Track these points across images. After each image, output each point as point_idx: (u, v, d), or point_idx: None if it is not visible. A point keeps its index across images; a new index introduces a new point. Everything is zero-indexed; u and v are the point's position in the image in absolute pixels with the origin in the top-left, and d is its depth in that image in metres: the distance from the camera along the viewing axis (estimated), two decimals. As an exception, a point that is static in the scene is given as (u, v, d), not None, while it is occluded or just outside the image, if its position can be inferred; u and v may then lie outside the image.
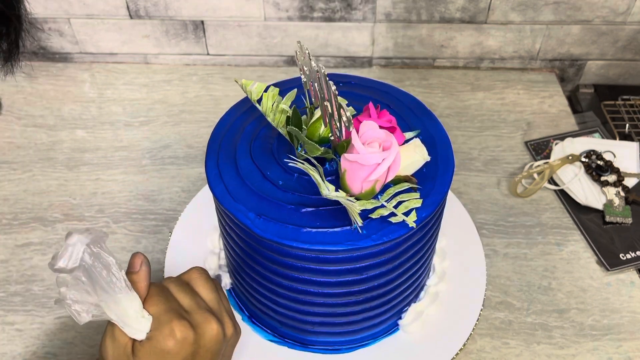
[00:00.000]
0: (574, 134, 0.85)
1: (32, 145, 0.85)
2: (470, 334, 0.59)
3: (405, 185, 0.48)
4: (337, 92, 0.45)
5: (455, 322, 0.60)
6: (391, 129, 0.49)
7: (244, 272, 0.55)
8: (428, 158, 0.49)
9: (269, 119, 0.53)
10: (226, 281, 0.63)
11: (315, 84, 0.47)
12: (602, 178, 0.77)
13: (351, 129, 0.46)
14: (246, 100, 0.57)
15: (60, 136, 0.86)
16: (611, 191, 0.75)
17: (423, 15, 0.92)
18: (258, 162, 0.52)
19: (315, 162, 0.48)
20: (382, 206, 0.47)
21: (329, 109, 0.46)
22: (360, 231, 0.46)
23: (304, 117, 0.53)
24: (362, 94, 0.58)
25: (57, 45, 0.98)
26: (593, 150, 0.79)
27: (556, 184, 0.78)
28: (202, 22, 0.94)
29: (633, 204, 0.75)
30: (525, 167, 0.80)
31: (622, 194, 0.75)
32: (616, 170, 0.77)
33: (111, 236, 0.73)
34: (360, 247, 0.46)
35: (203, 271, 0.48)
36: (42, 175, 0.81)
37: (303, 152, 0.51)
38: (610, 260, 0.70)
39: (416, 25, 0.94)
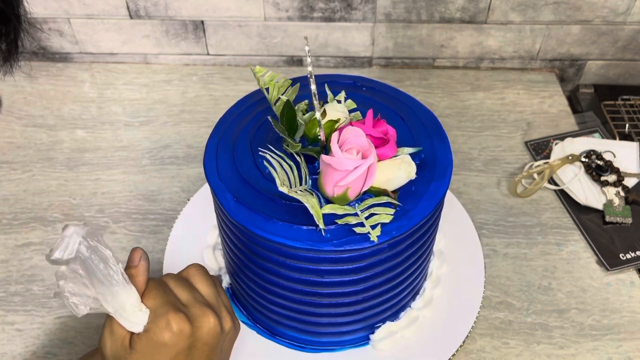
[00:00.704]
0: (574, 134, 0.85)
1: (32, 145, 0.85)
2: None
3: (384, 199, 0.48)
4: (315, 92, 0.45)
5: (433, 346, 0.59)
6: (381, 141, 0.48)
7: (225, 250, 0.57)
8: (413, 176, 0.48)
9: (274, 109, 0.54)
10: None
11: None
12: (602, 178, 0.77)
13: (319, 131, 0.47)
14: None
15: (60, 136, 0.86)
16: (611, 191, 0.75)
17: (423, 15, 0.92)
18: (254, 148, 0.52)
19: (299, 158, 0.50)
20: (355, 215, 0.47)
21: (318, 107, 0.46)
22: (324, 234, 0.46)
23: (311, 112, 0.54)
24: (381, 101, 0.58)
25: (57, 45, 0.98)
26: (593, 150, 0.79)
27: (556, 184, 0.78)
28: (202, 22, 0.94)
29: (633, 204, 0.75)
30: (525, 167, 0.80)
31: (622, 194, 0.75)
32: (616, 170, 0.77)
33: (111, 236, 0.73)
34: (318, 249, 0.46)
35: (201, 267, 0.49)
36: (42, 175, 0.81)
37: (286, 145, 0.51)
38: (610, 260, 0.70)
39: (416, 25, 0.94)
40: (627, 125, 0.87)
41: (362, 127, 0.48)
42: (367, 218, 0.46)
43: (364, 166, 0.45)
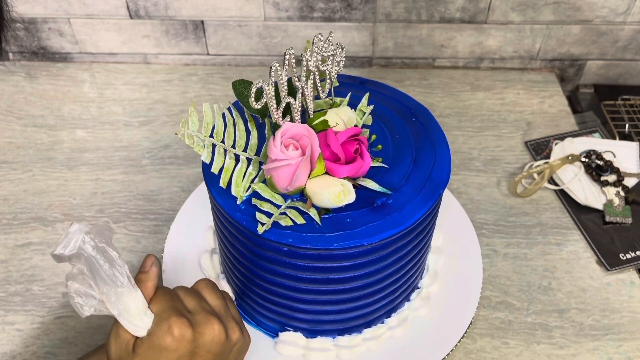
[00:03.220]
0: (574, 134, 0.85)
1: (32, 145, 0.85)
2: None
3: (306, 208, 0.48)
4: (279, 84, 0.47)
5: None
6: (335, 157, 0.48)
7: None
8: (338, 204, 0.47)
9: None
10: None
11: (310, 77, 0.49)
12: (602, 178, 0.77)
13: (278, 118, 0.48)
14: None
15: (60, 136, 0.86)
16: (611, 191, 0.75)
17: (423, 15, 0.92)
18: (256, 119, 0.54)
19: (268, 132, 0.52)
20: (277, 206, 0.48)
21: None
22: (239, 202, 0.49)
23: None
24: (411, 134, 0.56)
25: (57, 45, 0.98)
26: (593, 150, 0.79)
27: (556, 184, 0.78)
28: (202, 22, 0.94)
29: (633, 204, 0.75)
30: (525, 167, 0.80)
31: (622, 193, 0.75)
32: (616, 170, 0.77)
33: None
34: (228, 212, 0.48)
35: (211, 281, 0.50)
36: (42, 175, 0.81)
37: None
38: (610, 260, 0.70)
39: (416, 25, 0.94)
40: (627, 125, 0.87)
41: (331, 137, 0.48)
42: (281, 214, 0.48)
43: (283, 162, 0.46)
